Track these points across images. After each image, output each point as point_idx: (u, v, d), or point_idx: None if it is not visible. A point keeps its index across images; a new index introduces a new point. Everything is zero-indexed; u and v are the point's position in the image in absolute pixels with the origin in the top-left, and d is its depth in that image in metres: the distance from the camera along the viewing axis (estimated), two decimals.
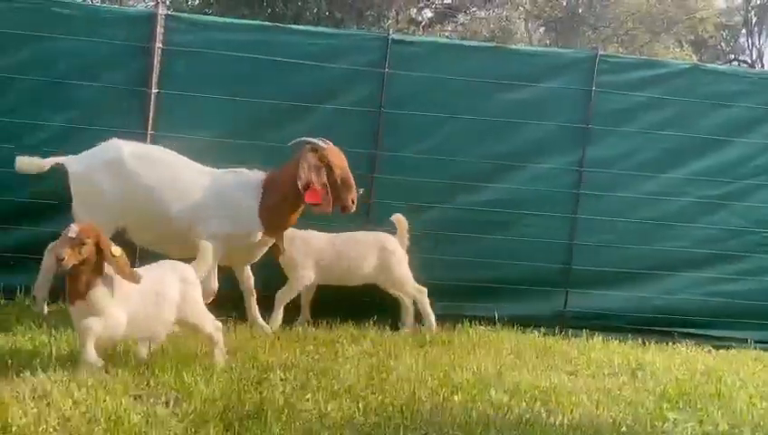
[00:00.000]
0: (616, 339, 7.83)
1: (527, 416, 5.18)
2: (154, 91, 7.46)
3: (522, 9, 22.89)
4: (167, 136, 7.29)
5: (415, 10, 20.53)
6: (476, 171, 7.90)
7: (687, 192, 8.26)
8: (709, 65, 8.97)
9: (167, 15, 7.65)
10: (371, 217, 7.71)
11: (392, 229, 7.44)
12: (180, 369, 5.47)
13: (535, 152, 8.03)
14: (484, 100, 7.92)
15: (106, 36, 7.44)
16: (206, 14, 16.84)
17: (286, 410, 4.90)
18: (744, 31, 35.29)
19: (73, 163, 6.63)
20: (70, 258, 5.09)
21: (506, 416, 5.16)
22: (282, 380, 5.53)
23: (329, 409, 5.06)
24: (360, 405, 5.15)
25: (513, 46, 9.47)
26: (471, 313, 7.84)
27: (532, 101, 8.04)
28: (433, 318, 7.50)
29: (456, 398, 5.51)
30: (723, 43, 36.87)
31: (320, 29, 8.40)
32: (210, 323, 5.82)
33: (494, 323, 7.79)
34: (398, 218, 7.42)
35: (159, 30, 7.47)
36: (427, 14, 21.39)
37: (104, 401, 4.80)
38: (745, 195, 8.34)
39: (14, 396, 4.79)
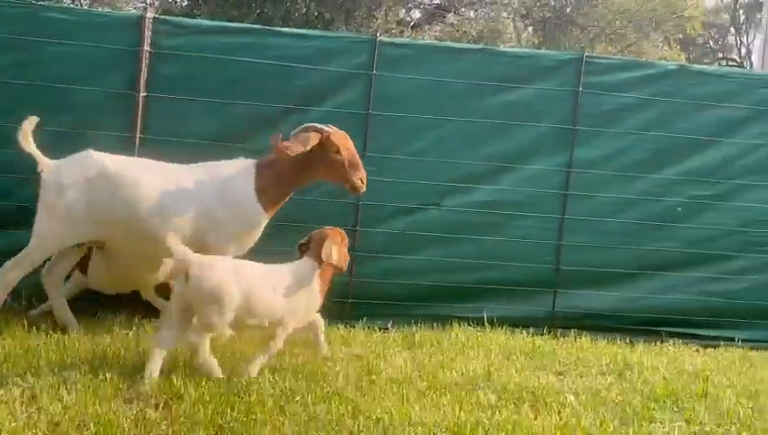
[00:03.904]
0: (604, 339, 7.86)
1: (514, 417, 5.22)
2: (142, 94, 7.47)
3: (510, 9, 22.87)
4: (155, 139, 7.30)
5: (404, 10, 20.52)
6: (465, 173, 7.92)
7: (675, 192, 8.27)
8: (696, 66, 8.98)
9: (155, 18, 7.65)
10: (360, 218, 7.74)
11: None
12: (170, 372, 5.51)
13: (524, 154, 8.05)
14: (472, 102, 7.94)
15: (95, 40, 7.43)
16: (194, 15, 16.81)
17: (275, 414, 4.94)
18: (732, 29, 35.46)
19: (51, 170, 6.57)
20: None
21: (494, 417, 5.20)
22: (271, 383, 5.56)
23: (318, 411, 5.10)
24: (349, 407, 5.20)
25: (501, 48, 9.48)
26: (460, 314, 7.87)
27: (519, 102, 8.05)
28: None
29: (444, 399, 5.56)
30: (711, 42, 37.04)
31: (308, 31, 8.38)
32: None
33: (483, 325, 7.82)
34: None
35: (147, 33, 7.47)
36: (416, 14, 21.38)
37: (94, 405, 4.83)
38: (733, 195, 8.37)
39: (3, 400, 4.82)
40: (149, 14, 7.61)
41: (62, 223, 6.48)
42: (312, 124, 6.71)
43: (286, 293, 5.93)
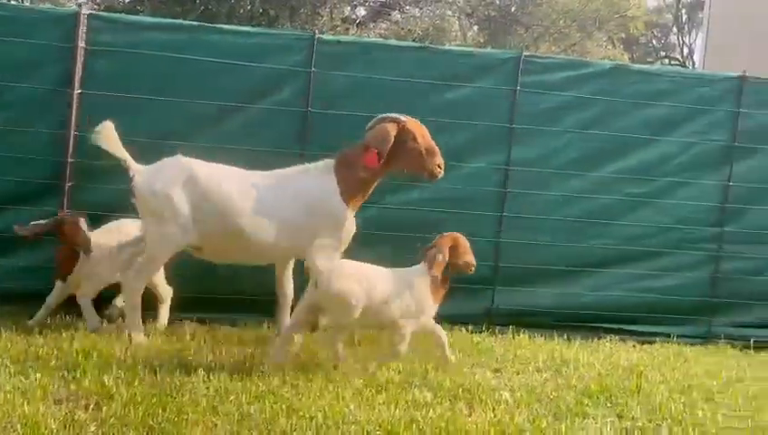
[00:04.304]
0: (542, 336, 7.92)
1: (449, 414, 5.23)
2: (77, 91, 7.38)
3: (455, 7, 22.96)
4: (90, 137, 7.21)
5: (348, 8, 20.50)
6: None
7: (612, 190, 8.38)
8: (633, 65, 9.11)
9: (90, 15, 7.57)
10: None
11: None
12: (102, 373, 5.45)
13: (463, 152, 8.06)
14: (411, 100, 7.90)
15: (28, 36, 7.34)
16: (137, 12, 16.63)
17: (208, 414, 4.91)
18: (674, 29, 35.95)
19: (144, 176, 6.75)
20: None
21: (428, 414, 5.20)
22: (205, 382, 5.52)
23: (252, 411, 5.07)
24: (284, 406, 5.17)
25: (441, 46, 9.47)
26: None
27: (459, 101, 8.09)
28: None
29: (380, 397, 5.55)
30: (654, 41, 37.52)
31: (247, 28, 8.34)
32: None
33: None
34: None
35: (82, 29, 7.39)
36: (361, 12, 21.36)
37: (22, 406, 4.76)
38: (668, 193, 8.49)
39: None
40: (84, 11, 7.52)
41: (174, 225, 6.62)
42: (385, 115, 6.81)
43: (399, 296, 6.26)
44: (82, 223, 6.83)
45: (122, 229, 7.14)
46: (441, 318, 7.66)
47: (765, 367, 7.61)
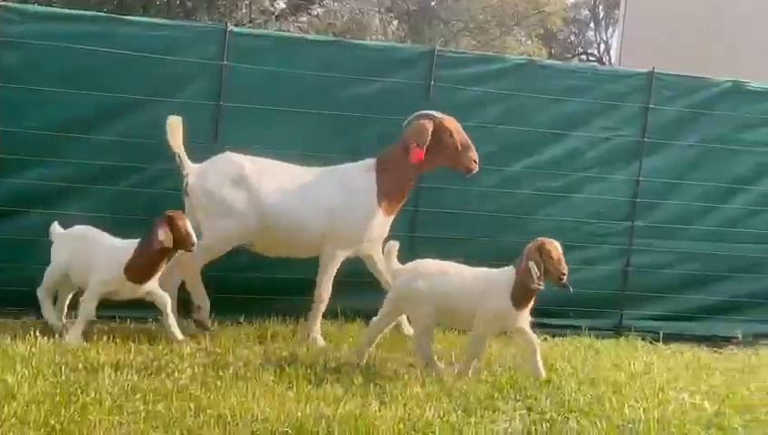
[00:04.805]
0: (456, 331, 7.90)
1: (359, 410, 5.22)
2: None
3: (375, 2, 22.99)
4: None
5: (267, 1, 20.36)
6: (317, 166, 7.85)
7: (525, 185, 8.46)
8: (545, 60, 9.22)
9: (0, 6, 7.38)
10: None
11: None
12: (6, 371, 5.33)
13: (375, 147, 7.96)
14: (325, 94, 7.92)
15: None
16: (51, 3, 16.29)
17: (113, 412, 4.83)
18: (592, 25, 36.48)
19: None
20: None
21: (338, 410, 5.19)
22: (111, 380, 5.43)
23: (159, 409, 5.00)
24: (192, 404, 5.11)
25: (354, 40, 9.48)
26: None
27: (373, 95, 8.09)
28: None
29: (291, 393, 5.53)
30: (573, 37, 38.01)
31: (159, 21, 8.22)
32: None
33: (337, 317, 7.78)
34: None
35: None
36: (281, 4, 21.23)
37: None
38: (580, 187, 8.62)
39: None
40: None
41: (229, 222, 6.92)
42: (422, 112, 7.12)
43: (479, 297, 6.29)
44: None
45: None
46: (358, 313, 7.73)
47: (673, 359, 7.78)
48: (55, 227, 6.89)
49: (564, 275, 6.29)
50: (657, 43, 17.66)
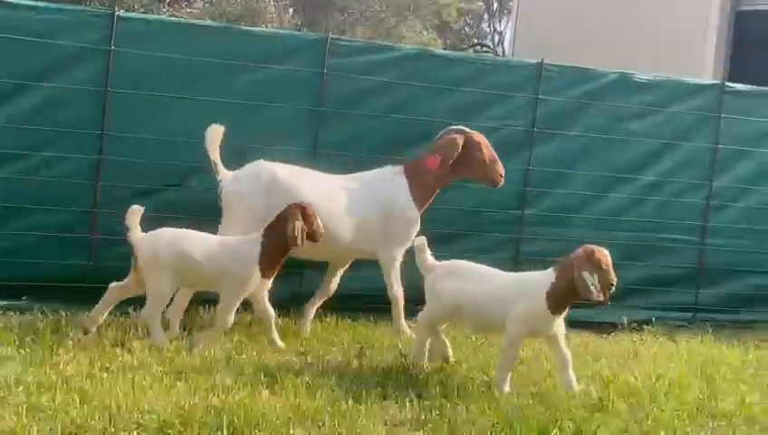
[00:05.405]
0: (349, 318, 7.93)
1: (248, 400, 5.19)
2: None
3: None
4: None
5: None
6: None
7: None
8: (437, 50, 9.29)
9: None
10: (99, 200, 7.49)
11: None
12: None
13: (270, 135, 7.96)
14: (216, 81, 7.82)
15: None
16: None
17: None
18: (486, 16, 36.91)
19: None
20: None
21: (227, 400, 5.15)
22: None
23: (42, 401, 4.88)
24: (77, 396, 5.01)
25: (245, 27, 9.38)
26: (208, 296, 7.65)
27: (265, 83, 8.01)
28: None
29: (180, 384, 5.46)
30: (467, 28, 38.41)
31: (42, 4, 7.90)
32: None
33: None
34: None
35: None
36: None
37: None
38: None
39: None
40: None
41: (247, 226, 6.85)
42: (453, 127, 7.54)
43: (508, 300, 6.09)
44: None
45: None
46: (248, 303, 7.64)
47: None
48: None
49: (613, 285, 5.88)
50: (549, 35, 17.91)
